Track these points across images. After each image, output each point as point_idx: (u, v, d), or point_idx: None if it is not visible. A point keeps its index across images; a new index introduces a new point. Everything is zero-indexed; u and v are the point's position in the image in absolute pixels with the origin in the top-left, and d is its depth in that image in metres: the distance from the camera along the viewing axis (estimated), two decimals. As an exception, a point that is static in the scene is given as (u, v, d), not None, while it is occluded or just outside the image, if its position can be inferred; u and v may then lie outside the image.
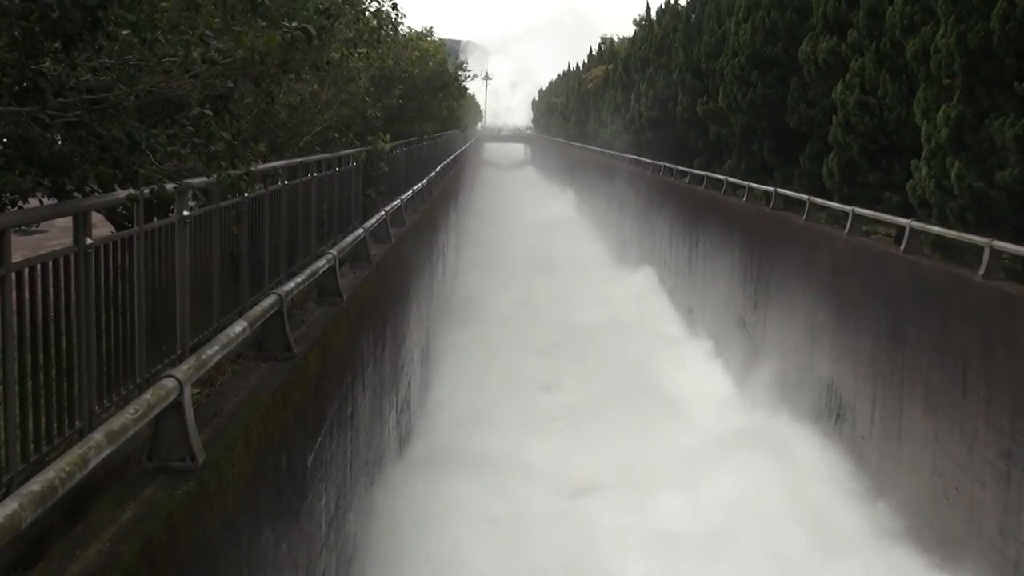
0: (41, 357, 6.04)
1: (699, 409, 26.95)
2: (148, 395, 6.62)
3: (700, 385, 29.79)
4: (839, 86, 24.44)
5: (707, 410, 26.91)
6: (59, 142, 6.58)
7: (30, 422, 5.94)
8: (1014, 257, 17.06)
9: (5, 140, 6.42)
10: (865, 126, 23.37)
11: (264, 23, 7.88)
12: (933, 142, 18.95)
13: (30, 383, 5.93)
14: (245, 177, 7.81)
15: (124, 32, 6.23)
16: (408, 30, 30.07)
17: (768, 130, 31.47)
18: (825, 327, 23.41)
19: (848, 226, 22.75)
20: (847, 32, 25.32)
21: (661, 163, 45.10)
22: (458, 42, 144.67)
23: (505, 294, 40.55)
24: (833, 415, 22.45)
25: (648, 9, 58.46)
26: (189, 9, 7.24)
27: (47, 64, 5.93)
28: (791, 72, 29.38)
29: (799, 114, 28.43)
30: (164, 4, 6.98)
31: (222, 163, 7.29)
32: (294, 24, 7.77)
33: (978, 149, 17.98)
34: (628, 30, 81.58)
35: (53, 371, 6.20)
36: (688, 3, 45.85)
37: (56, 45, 5.82)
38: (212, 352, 8.01)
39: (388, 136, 21.31)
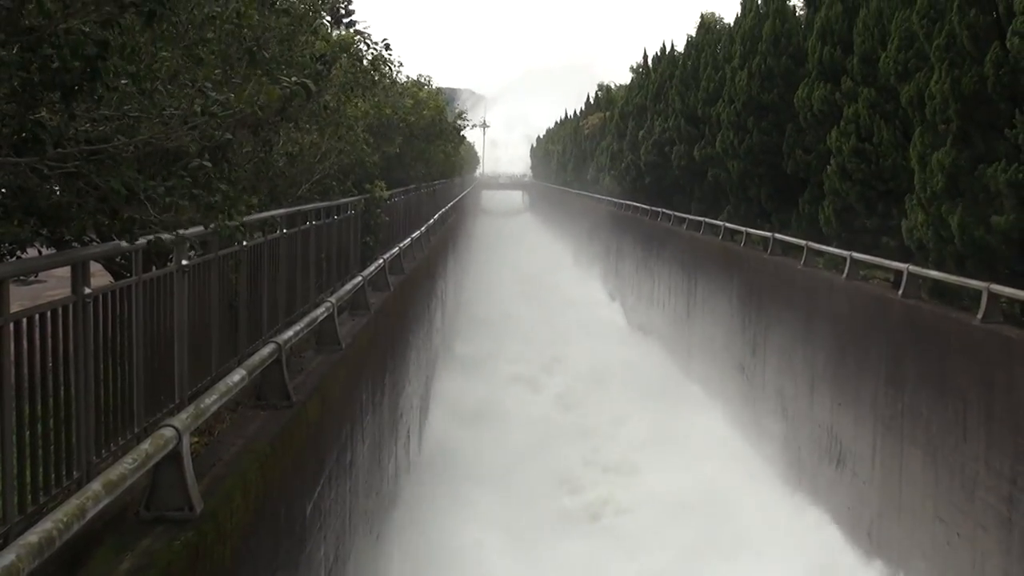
0: (39, 407, 6.02)
1: (697, 443, 27.26)
2: (146, 444, 6.60)
3: (697, 421, 29.97)
4: (834, 132, 24.56)
5: (705, 446, 27.20)
6: (57, 192, 6.59)
7: (28, 473, 5.92)
8: (1012, 301, 17.08)
9: (3, 190, 6.43)
10: (861, 172, 23.46)
11: (263, 74, 7.93)
12: (929, 188, 19.02)
13: (28, 433, 5.91)
14: (242, 227, 7.83)
15: (123, 82, 6.27)
16: (406, 79, 30.27)
17: (765, 176, 31.58)
18: (825, 372, 23.39)
19: (846, 271, 22.78)
20: (841, 79, 25.47)
21: (659, 209, 45.20)
22: (456, 90, 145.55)
23: (503, 343, 40.45)
24: (834, 460, 22.39)
25: (645, 56, 58.85)
26: (189, 60, 7.28)
27: (46, 115, 5.96)
28: (787, 118, 29.52)
29: (795, 160, 28.54)
30: (164, 55, 7.02)
31: (220, 213, 7.31)
32: (294, 79, 7.82)
33: (973, 194, 18.04)
34: (625, 77, 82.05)
35: (51, 421, 6.18)
36: (684, 50, 46.11)
37: (55, 96, 5.85)
38: (211, 401, 8.00)
39: (385, 184, 21.38)
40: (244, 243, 10.29)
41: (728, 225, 33.97)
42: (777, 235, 28.75)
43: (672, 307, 41.49)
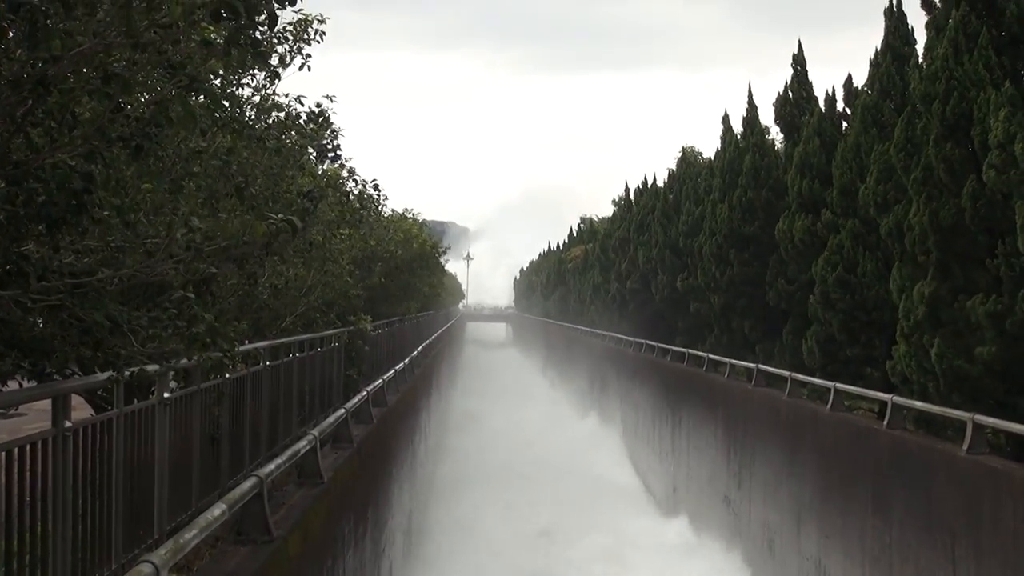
0: (15, 543, 5.91)
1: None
2: (123, 582, 6.47)
3: (682, 563, 29.54)
4: (819, 262, 24.78)
5: None
6: (40, 325, 6.57)
7: (1, 611, 5.79)
8: (997, 431, 17.04)
9: (-15, 323, 6.41)
10: (844, 303, 23.61)
11: (250, 209, 7.98)
12: (911, 319, 19.12)
13: (2, 571, 5.79)
14: (226, 359, 7.80)
15: (107, 214, 6.29)
16: (390, 211, 30.54)
17: (748, 307, 31.74)
18: (812, 504, 23.19)
19: (831, 402, 22.75)
20: (822, 211, 25.79)
21: (643, 340, 45.28)
22: (440, 223, 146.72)
23: (486, 482, 40.07)
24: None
25: (627, 189, 59.55)
26: (174, 193, 7.33)
27: (30, 247, 5.97)
28: (769, 250, 29.80)
29: (778, 291, 28.72)
30: (147, 187, 7.07)
31: (204, 344, 7.28)
32: (280, 216, 7.88)
33: (955, 326, 18.13)
34: (607, 210, 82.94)
35: (27, 558, 6.06)
36: (666, 183, 46.75)
37: (40, 228, 5.86)
38: (190, 536, 7.86)
39: (370, 316, 21.41)
40: (227, 375, 10.24)
41: (712, 356, 34.00)
42: (761, 366, 28.77)
43: (657, 439, 41.27)
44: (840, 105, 28.43)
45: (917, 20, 22.75)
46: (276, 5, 5.88)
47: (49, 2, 5.20)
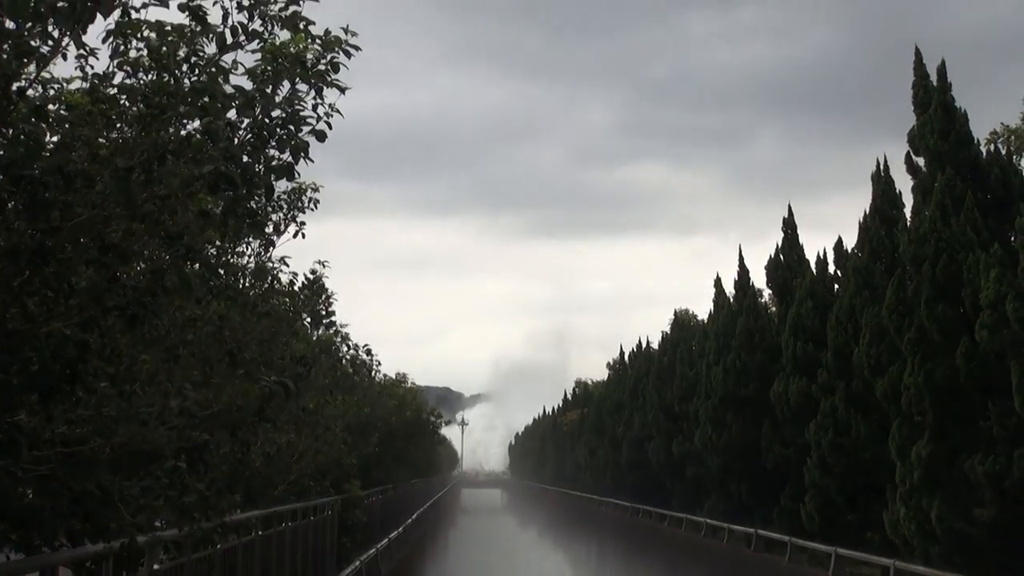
0: None
1: None
2: None
3: None
4: (812, 426, 24.65)
5: None
6: (30, 495, 6.49)
7: None
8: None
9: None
10: (841, 466, 23.44)
11: (242, 373, 7.97)
12: (908, 481, 18.96)
13: None
14: (218, 530, 7.70)
15: (102, 384, 6.28)
16: (384, 377, 30.50)
17: (745, 471, 31.47)
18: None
19: (832, 568, 22.39)
20: (817, 373, 25.78)
21: (639, 506, 44.76)
22: (435, 388, 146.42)
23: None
24: None
25: (621, 352, 59.71)
26: (168, 361, 7.33)
27: (22, 417, 5.93)
28: (764, 412, 29.67)
29: (775, 454, 28.51)
30: (143, 357, 7.07)
31: (195, 515, 7.19)
32: (273, 378, 7.87)
33: (953, 487, 17.97)
34: (602, 373, 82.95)
35: None
36: (660, 346, 46.85)
37: (33, 398, 5.84)
38: None
39: (363, 483, 21.21)
40: (219, 545, 10.07)
41: (709, 521, 33.58)
42: (760, 531, 28.39)
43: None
44: (831, 267, 28.71)
45: (904, 184, 23.23)
46: (274, 177, 5.98)
47: (50, 174, 5.28)
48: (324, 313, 15.65)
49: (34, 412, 6.03)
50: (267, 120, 6.08)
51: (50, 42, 5.55)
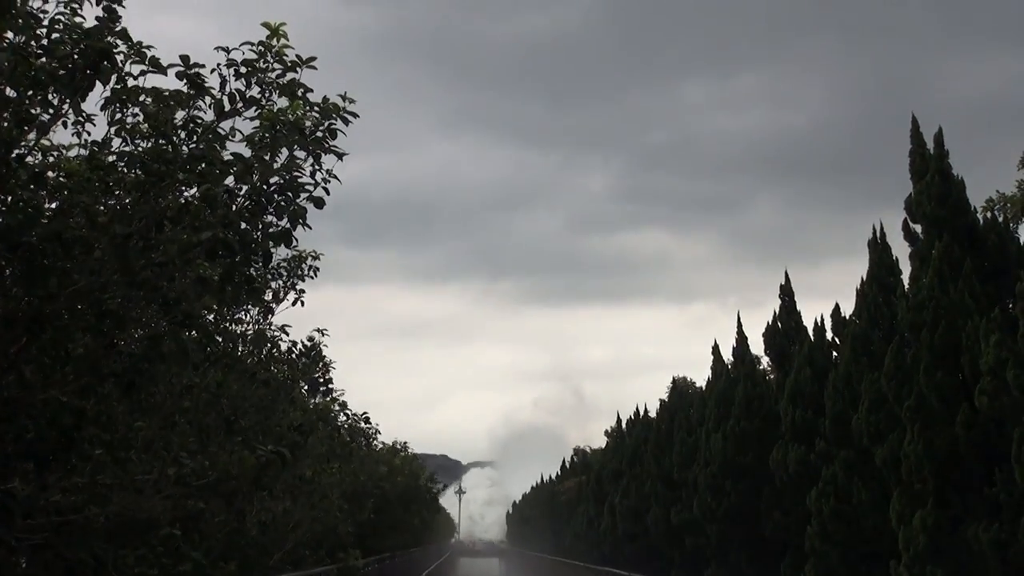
0: None
1: None
2: None
3: None
4: (813, 493, 24.48)
5: None
6: (24, 565, 6.42)
7: None
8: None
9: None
10: (841, 534, 23.24)
11: (239, 440, 7.92)
12: (911, 549, 18.80)
13: None
14: (213, 599, 7.60)
15: (97, 451, 6.23)
16: (381, 445, 30.36)
17: (744, 539, 31.21)
18: None
19: (834, 638, 22.14)
20: (815, 440, 25.65)
21: None
22: (433, 456, 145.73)
23: None
24: None
25: (619, 420, 59.42)
26: (165, 428, 7.28)
27: (17, 484, 5.88)
28: (763, 480, 29.49)
29: (774, 522, 28.30)
30: (140, 424, 7.03)
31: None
32: (270, 447, 7.83)
33: (957, 555, 17.82)
34: (600, 441, 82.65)
35: None
36: (658, 413, 46.67)
37: (29, 465, 5.79)
38: None
39: (359, 552, 21.02)
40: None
41: (710, 591, 33.25)
42: (761, 601, 28.10)
43: None
44: (829, 334, 28.68)
45: (901, 251, 23.34)
46: (272, 244, 5.98)
47: (48, 241, 5.28)
48: (322, 380, 15.62)
49: (28, 480, 5.98)
50: (265, 186, 6.09)
51: (50, 110, 5.58)
